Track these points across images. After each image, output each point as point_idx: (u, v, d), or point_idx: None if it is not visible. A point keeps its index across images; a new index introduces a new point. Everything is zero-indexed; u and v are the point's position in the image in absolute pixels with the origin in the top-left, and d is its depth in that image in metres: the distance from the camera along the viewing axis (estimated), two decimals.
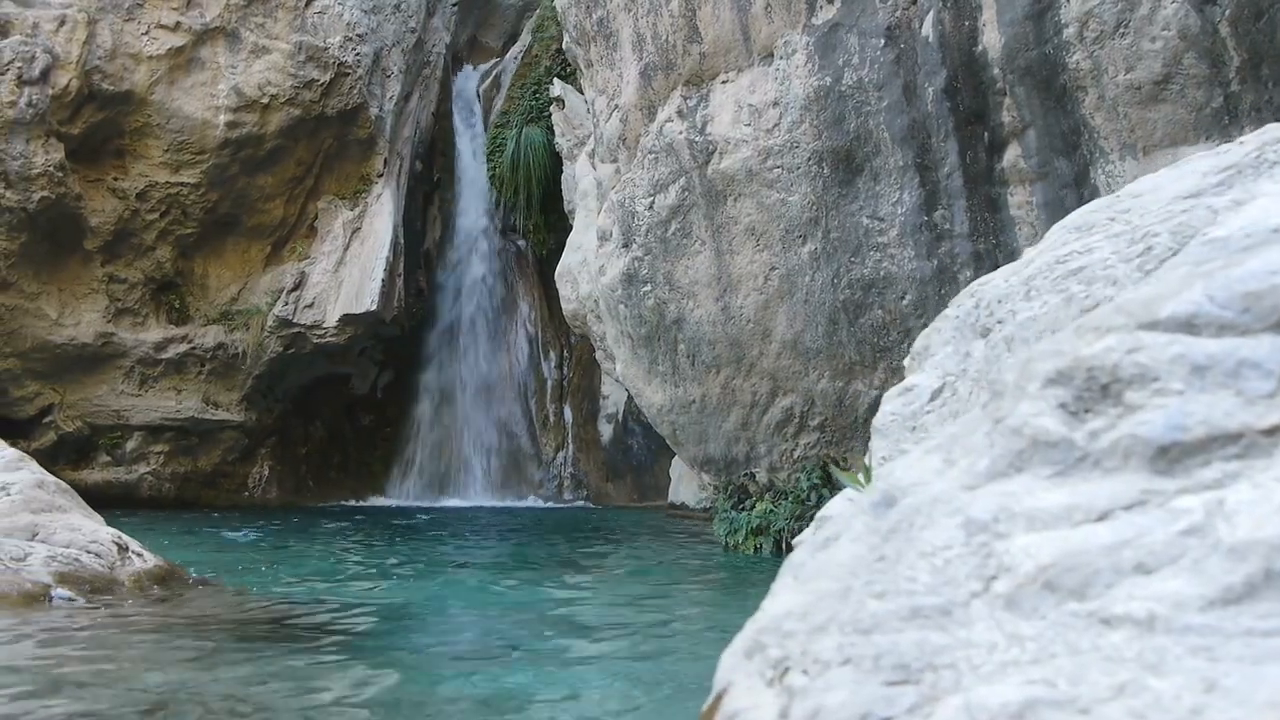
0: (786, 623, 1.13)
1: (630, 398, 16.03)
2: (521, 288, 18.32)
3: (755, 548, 8.70)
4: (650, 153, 8.70)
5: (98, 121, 14.23)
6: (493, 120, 18.17)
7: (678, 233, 8.66)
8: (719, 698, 1.24)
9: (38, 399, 14.57)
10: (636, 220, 8.83)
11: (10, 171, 13.27)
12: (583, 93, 14.77)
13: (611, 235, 9.06)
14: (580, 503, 16.70)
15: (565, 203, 15.33)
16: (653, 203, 8.71)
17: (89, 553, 6.08)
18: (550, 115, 15.84)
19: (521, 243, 18.18)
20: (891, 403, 2.68)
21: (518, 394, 17.93)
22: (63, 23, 13.77)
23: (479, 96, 19.12)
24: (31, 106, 13.32)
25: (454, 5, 18.83)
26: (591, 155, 10.24)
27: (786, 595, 1.22)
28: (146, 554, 6.35)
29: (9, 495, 6.19)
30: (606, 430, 17.16)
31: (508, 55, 19.30)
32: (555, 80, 15.82)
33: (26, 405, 14.47)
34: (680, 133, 8.46)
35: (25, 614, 4.95)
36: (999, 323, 2.40)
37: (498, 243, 18.39)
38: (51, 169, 13.55)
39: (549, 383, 17.88)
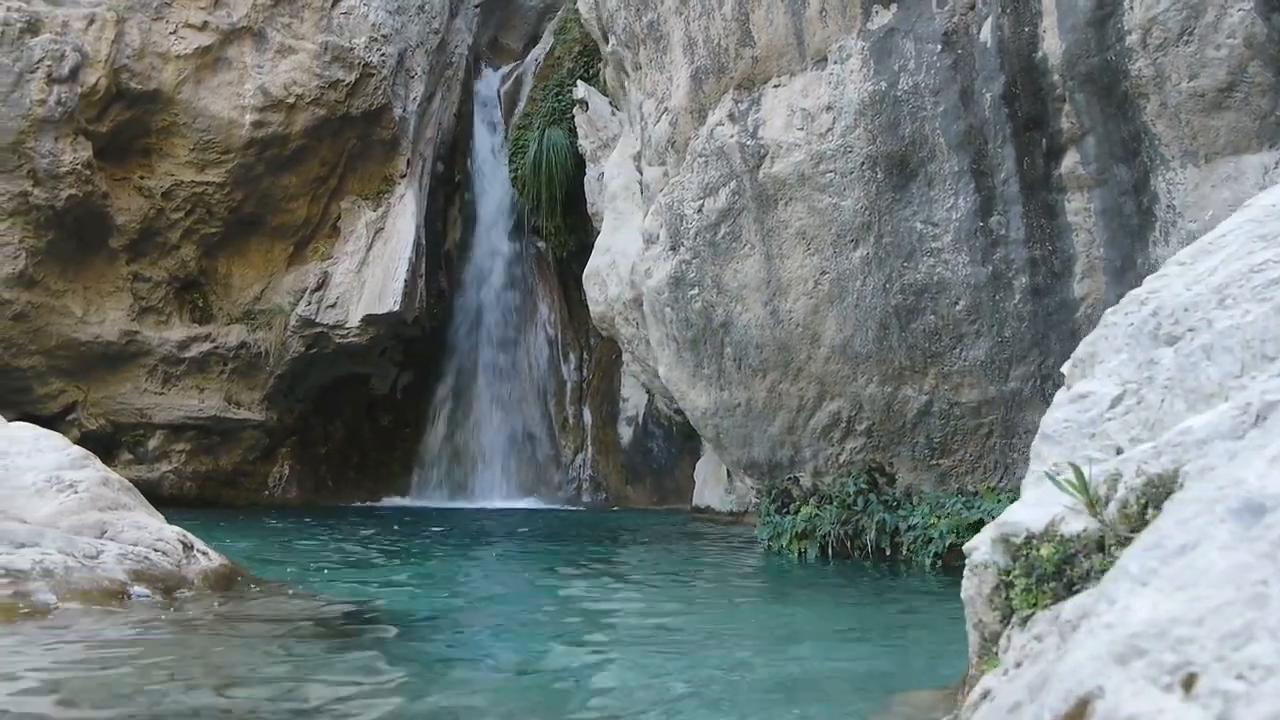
0: (1175, 629, 1.15)
1: (650, 400, 16.01)
2: (541, 289, 18.32)
3: (800, 552, 8.70)
4: (700, 156, 8.70)
5: (125, 120, 14.22)
6: (514, 122, 18.16)
7: (727, 236, 8.67)
8: (1085, 703, 1.24)
9: (61, 396, 14.55)
10: (685, 223, 8.83)
11: (39, 169, 13.24)
12: (606, 95, 14.77)
13: (659, 238, 9.06)
14: (599, 506, 16.68)
15: (588, 205, 15.33)
16: (702, 206, 8.72)
17: (157, 550, 6.07)
18: (573, 117, 15.84)
19: (542, 244, 18.16)
20: (1063, 409, 2.68)
21: (537, 396, 17.93)
22: (92, 21, 13.75)
23: (500, 98, 19.12)
24: (60, 105, 13.30)
25: (476, 6, 18.84)
26: (638, 158, 10.23)
27: (1148, 602, 1.23)
28: (211, 552, 6.34)
29: (76, 493, 6.17)
30: (626, 433, 17.15)
31: (529, 57, 19.30)
32: (578, 82, 15.81)
33: (50, 403, 14.44)
34: (731, 136, 8.47)
35: (111, 611, 4.94)
36: (1189, 331, 2.40)
37: (518, 244, 18.39)
38: (79, 167, 13.53)
39: (568, 385, 17.87)
